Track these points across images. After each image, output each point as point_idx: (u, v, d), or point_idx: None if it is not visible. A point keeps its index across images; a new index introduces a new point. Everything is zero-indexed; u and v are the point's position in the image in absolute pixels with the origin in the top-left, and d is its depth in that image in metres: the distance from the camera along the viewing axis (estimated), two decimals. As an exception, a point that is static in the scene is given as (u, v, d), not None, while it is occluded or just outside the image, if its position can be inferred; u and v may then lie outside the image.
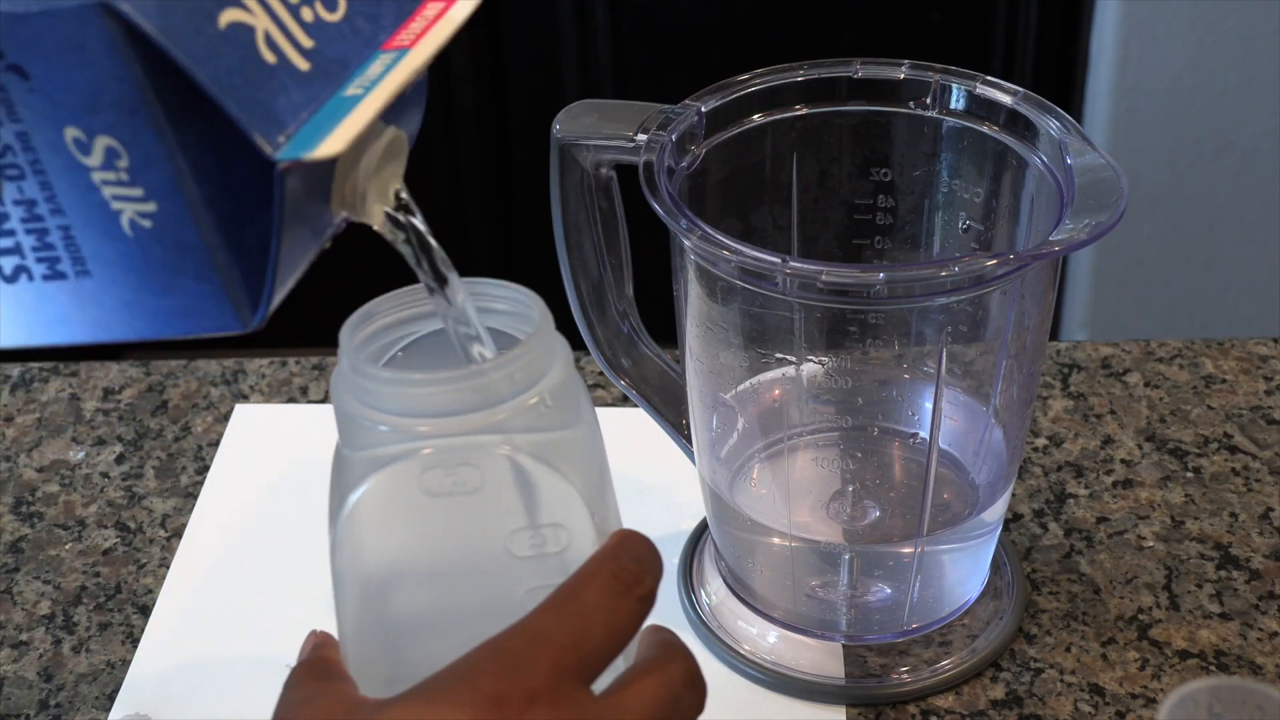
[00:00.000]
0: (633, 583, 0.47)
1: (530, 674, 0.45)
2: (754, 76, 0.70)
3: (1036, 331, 0.67)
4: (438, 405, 0.48)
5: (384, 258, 1.91)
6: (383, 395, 0.49)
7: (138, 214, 0.44)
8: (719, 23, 1.73)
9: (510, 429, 0.48)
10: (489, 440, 0.48)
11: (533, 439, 0.49)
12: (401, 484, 0.49)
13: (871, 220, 0.72)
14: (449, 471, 0.49)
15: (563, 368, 0.50)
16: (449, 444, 0.48)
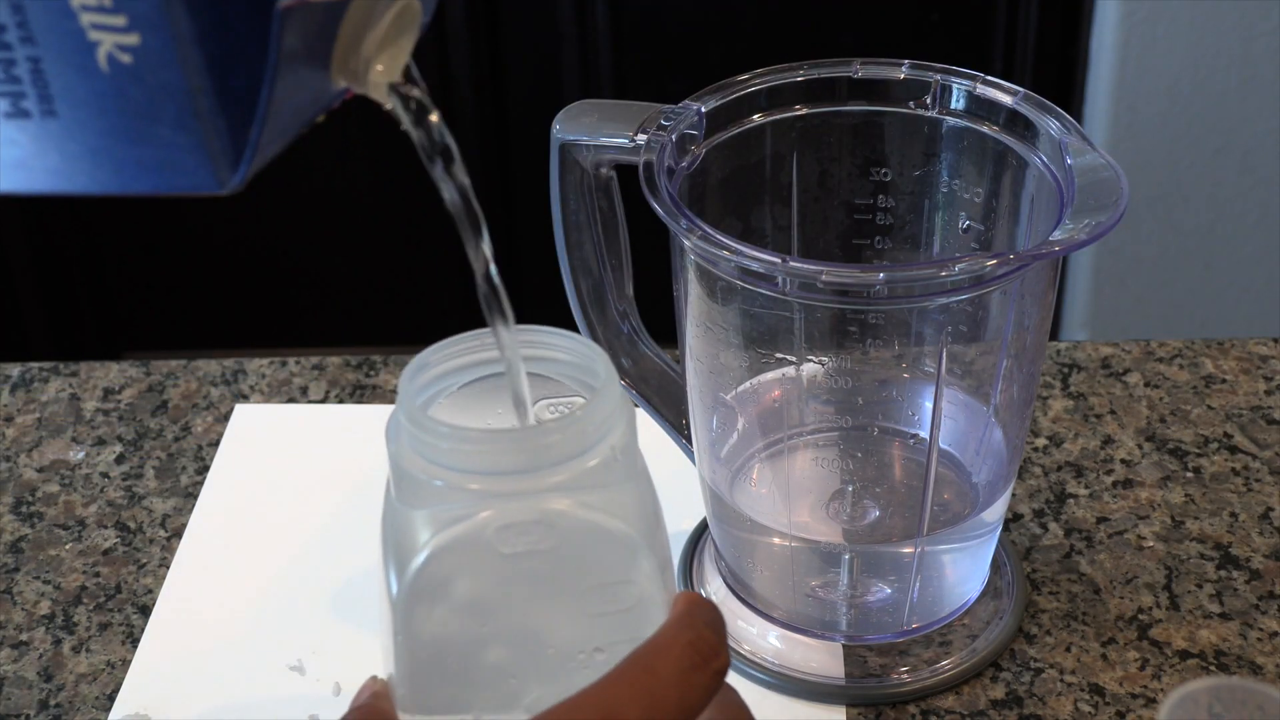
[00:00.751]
0: (710, 656, 0.46)
1: None
2: (754, 76, 0.70)
3: (1036, 331, 0.67)
4: (509, 463, 0.47)
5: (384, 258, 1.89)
6: (451, 452, 0.47)
7: (117, 47, 0.40)
8: (719, 23, 1.73)
9: (580, 487, 0.48)
10: (559, 498, 0.48)
11: (601, 496, 0.48)
12: (474, 543, 0.48)
13: (871, 220, 0.72)
14: (523, 530, 0.48)
15: (629, 424, 0.49)
16: (520, 503, 0.47)
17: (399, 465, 0.48)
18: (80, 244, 1.83)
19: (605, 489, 0.48)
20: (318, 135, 1.62)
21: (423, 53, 0.46)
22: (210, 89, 0.40)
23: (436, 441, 0.47)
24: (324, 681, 0.71)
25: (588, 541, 0.49)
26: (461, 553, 0.48)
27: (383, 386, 0.88)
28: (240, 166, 0.42)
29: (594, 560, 0.49)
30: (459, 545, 0.48)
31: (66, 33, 0.39)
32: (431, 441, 0.47)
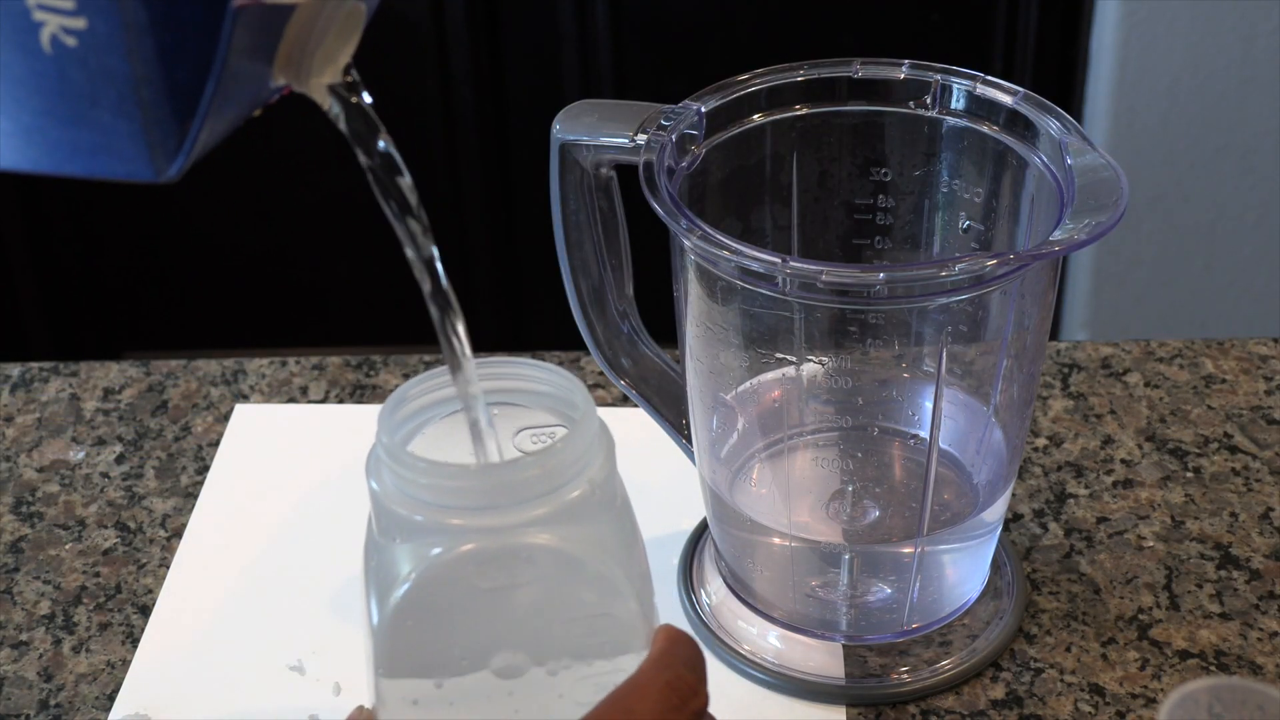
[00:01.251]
0: (688, 696, 0.46)
1: None
2: (754, 76, 0.70)
3: (1036, 331, 0.67)
4: (487, 499, 0.47)
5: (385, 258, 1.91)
6: (429, 488, 0.48)
7: (63, 29, 0.39)
8: (719, 23, 1.73)
9: (558, 520, 0.48)
10: (538, 532, 0.48)
11: (579, 530, 0.49)
12: (453, 577, 0.48)
13: (871, 220, 0.72)
14: (501, 565, 0.48)
15: (608, 455, 0.50)
16: (499, 538, 0.48)
17: (379, 500, 0.49)
18: (80, 244, 1.83)
19: (584, 523, 0.49)
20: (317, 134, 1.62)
21: (423, 53, 0.46)
22: (156, 79, 0.40)
23: (415, 477, 0.48)
24: (324, 681, 0.71)
25: (566, 576, 0.49)
26: (441, 587, 0.48)
27: (383, 386, 0.88)
28: (178, 158, 0.42)
29: (572, 594, 0.49)
30: (438, 579, 0.48)
31: (10, 12, 0.39)
32: (410, 477, 0.48)
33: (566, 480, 0.48)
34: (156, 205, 1.81)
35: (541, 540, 0.48)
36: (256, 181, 1.80)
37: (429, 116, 1.76)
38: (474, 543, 0.48)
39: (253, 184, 1.80)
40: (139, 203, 1.81)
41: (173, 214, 1.82)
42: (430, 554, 0.48)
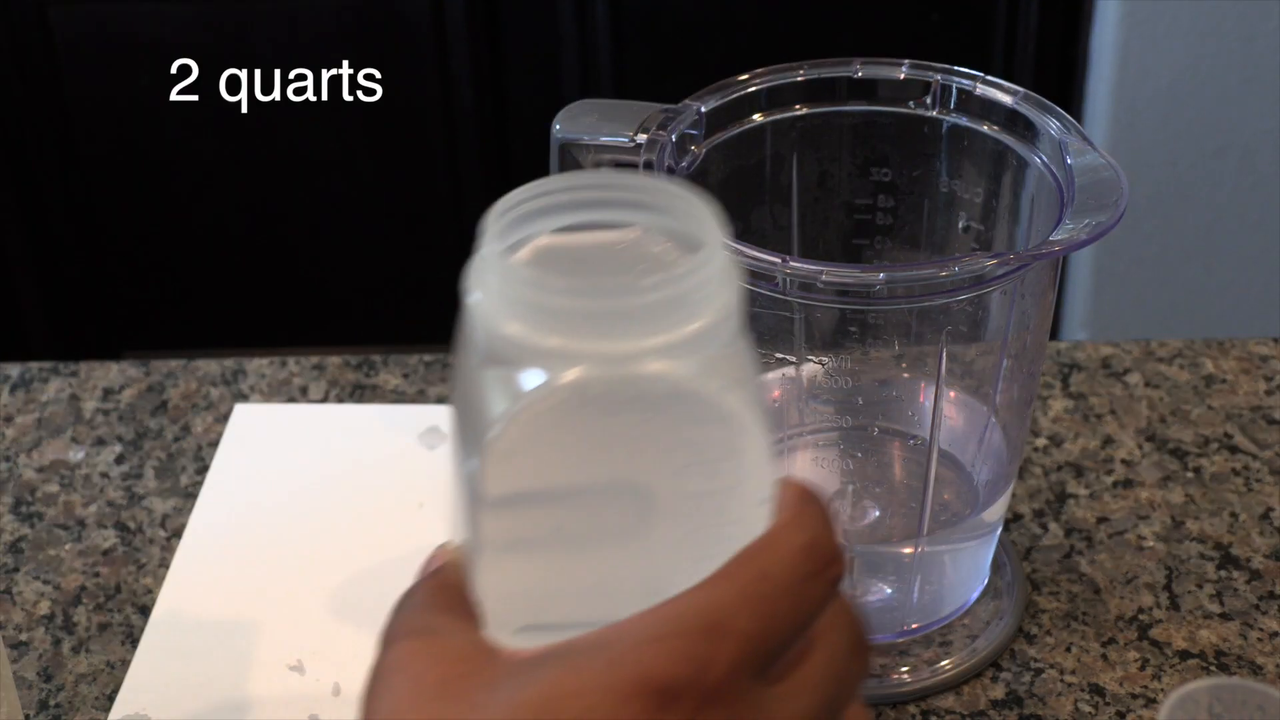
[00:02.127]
0: (829, 562, 0.41)
1: (707, 669, 0.38)
2: (754, 76, 0.70)
3: (1036, 331, 0.67)
4: (603, 321, 0.41)
5: (385, 258, 1.89)
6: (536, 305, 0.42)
7: None
8: (719, 23, 1.73)
9: (679, 352, 0.42)
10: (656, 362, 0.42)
11: (705, 364, 0.43)
12: (559, 410, 0.42)
13: (871, 220, 0.72)
14: (615, 397, 0.42)
15: (735, 284, 0.43)
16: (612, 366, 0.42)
17: (476, 319, 0.43)
18: (80, 244, 1.83)
19: (707, 356, 0.43)
20: (317, 135, 1.61)
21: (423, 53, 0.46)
22: None
23: (520, 291, 0.42)
24: (324, 681, 0.71)
25: (689, 412, 0.43)
26: (546, 420, 0.42)
27: (382, 386, 0.88)
28: None
29: (693, 432, 0.43)
30: (543, 412, 0.42)
31: None
32: (515, 292, 0.42)
33: (691, 308, 0.42)
34: (157, 205, 1.81)
35: (662, 371, 0.42)
36: (257, 182, 1.80)
37: (429, 116, 1.76)
38: (586, 371, 0.42)
39: (253, 184, 1.80)
40: (139, 203, 1.81)
41: (173, 214, 1.82)
42: (536, 383, 0.42)
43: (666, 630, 0.39)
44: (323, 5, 1.71)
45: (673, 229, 0.45)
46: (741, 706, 0.38)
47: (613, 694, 0.38)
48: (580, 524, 0.44)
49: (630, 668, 0.38)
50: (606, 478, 0.44)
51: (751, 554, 0.41)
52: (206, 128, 1.76)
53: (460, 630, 0.42)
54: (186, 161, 1.78)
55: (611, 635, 0.39)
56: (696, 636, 0.39)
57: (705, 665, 0.38)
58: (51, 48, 1.73)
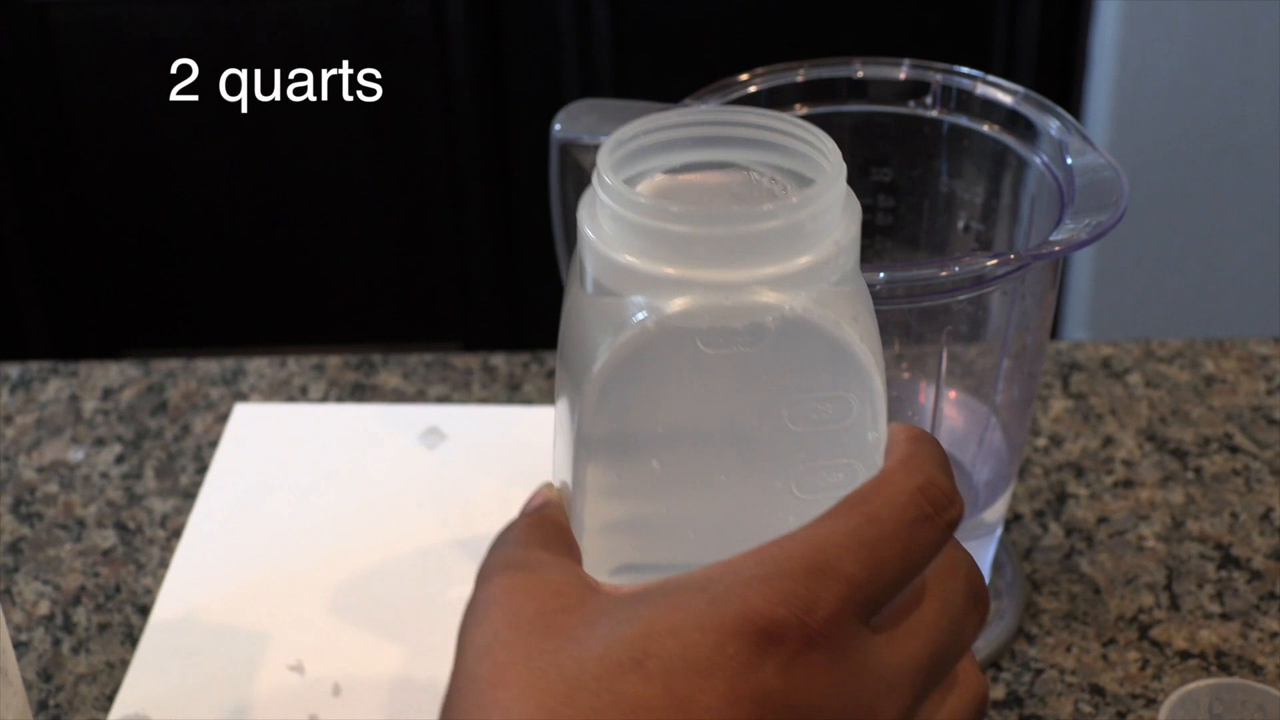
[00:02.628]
0: (943, 505, 0.40)
1: (811, 611, 0.37)
2: (754, 76, 0.70)
3: (1037, 331, 0.67)
4: (718, 249, 0.41)
5: (385, 258, 1.89)
6: (651, 231, 0.41)
7: None
8: (719, 23, 1.73)
9: (795, 284, 0.41)
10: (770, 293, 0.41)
11: (820, 296, 0.42)
12: (671, 338, 0.41)
13: (871, 220, 0.72)
14: (727, 327, 0.41)
15: (854, 220, 0.43)
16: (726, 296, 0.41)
17: (590, 246, 0.42)
18: (80, 244, 1.83)
19: (821, 289, 0.42)
20: (317, 135, 1.61)
21: (423, 53, 0.46)
22: None
23: (634, 217, 0.41)
24: (324, 681, 0.71)
25: (803, 346, 0.42)
26: (655, 349, 0.42)
27: (382, 386, 0.88)
28: None
29: (805, 366, 0.42)
30: (654, 341, 0.42)
31: None
32: (629, 217, 0.41)
33: (809, 238, 0.41)
34: (156, 205, 1.81)
35: (776, 302, 0.41)
36: (257, 182, 1.80)
37: (429, 116, 1.76)
38: (698, 299, 0.41)
39: (253, 184, 1.80)
40: (139, 203, 1.81)
41: (173, 214, 1.82)
42: (646, 310, 0.41)
43: (771, 570, 0.38)
44: (323, 5, 1.71)
45: (789, 167, 0.44)
46: (845, 651, 0.38)
47: (713, 632, 0.37)
48: (684, 459, 0.43)
49: (732, 606, 0.37)
50: (713, 411, 0.43)
51: (861, 496, 0.40)
52: (206, 128, 1.76)
53: (559, 566, 0.41)
54: (186, 161, 1.78)
55: (714, 574, 0.38)
56: (801, 578, 0.38)
57: (809, 607, 0.37)
58: (51, 48, 1.73)
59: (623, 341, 0.42)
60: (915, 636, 0.39)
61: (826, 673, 0.37)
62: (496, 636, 0.39)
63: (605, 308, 0.42)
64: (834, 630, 0.37)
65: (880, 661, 0.39)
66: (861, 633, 0.38)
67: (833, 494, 0.42)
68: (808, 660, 0.37)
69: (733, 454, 0.43)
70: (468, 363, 0.90)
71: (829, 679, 0.38)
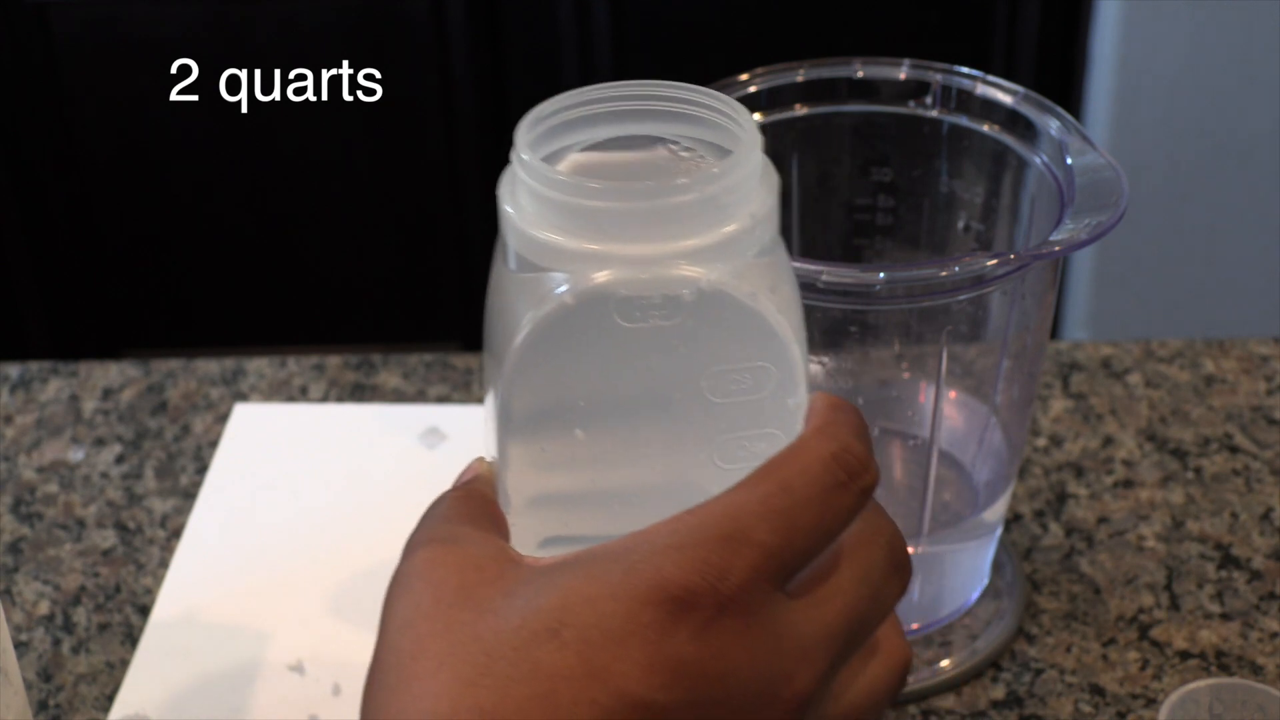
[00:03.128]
0: (857, 472, 0.40)
1: (724, 578, 0.38)
2: (754, 76, 0.70)
3: (1037, 331, 0.67)
4: (636, 223, 0.41)
5: (385, 258, 1.89)
6: (569, 207, 0.42)
7: None
8: (719, 23, 1.73)
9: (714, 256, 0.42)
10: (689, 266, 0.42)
11: (738, 268, 0.42)
12: (591, 312, 0.42)
13: (872, 220, 0.72)
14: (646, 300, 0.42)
15: (771, 191, 0.43)
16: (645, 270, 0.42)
17: (511, 223, 0.43)
18: (80, 244, 1.83)
19: (742, 261, 0.42)
20: (317, 134, 1.61)
21: (423, 53, 0.46)
22: None
23: (553, 194, 0.42)
24: (324, 681, 0.71)
25: (720, 317, 0.43)
26: (576, 323, 0.42)
27: (382, 386, 0.88)
28: None
29: (723, 338, 0.43)
30: (573, 315, 0.42)
31: None
32: (548, 194, 0.42)
33: (725, 211, 0.42)
34: (156, 205, 1.81)
35: (693, 276, 0.42)
36: (257, 182, 1.80)
37: (429, 116, 1.76)
38: (616, 273, 0.42)
39: (253, 184, 1.80)
40: (139, 203, 1.81)
41: (173, 214, 1.82)
42: (566, 285, 0.42)
43: (684, 539, 0.38)
44: (323, 5, 1.71)
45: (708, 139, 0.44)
46: (759, 617, 0.38)
47: (628, 600, 0.38)
48: (606, 432, 0.44)
49: (646, 575, 0.38)
50: (633, 383, 0.43)
51: (775, 464, 0.40)
52: (206, 128, 1.76)
53: (483, 540, 0.42)
54: (186, 161, 1.78)
55: (629, 543, 0.39)
56: (714, 545, 0.38)
57: (722, 574, 0.38)
58: (51, 48, 1.73)
59: (542, 315, 0.42)
60: (831, 603, 0.40)
61: (741, 638, 0.38)
62: (418, 609, 0.40)
63: (526, 283, 0.43)
64: (747, 597, 0.38)
65: (795, 627, 0.39)
66: (776, 598, 0.39)
67: (755, 464, 0.42)
68: (722, 626, 0.38)
69: (654, 426, 0.44)
70: (468, 363, 0.90)
71: (743, 644, 0.38)
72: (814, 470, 0.40)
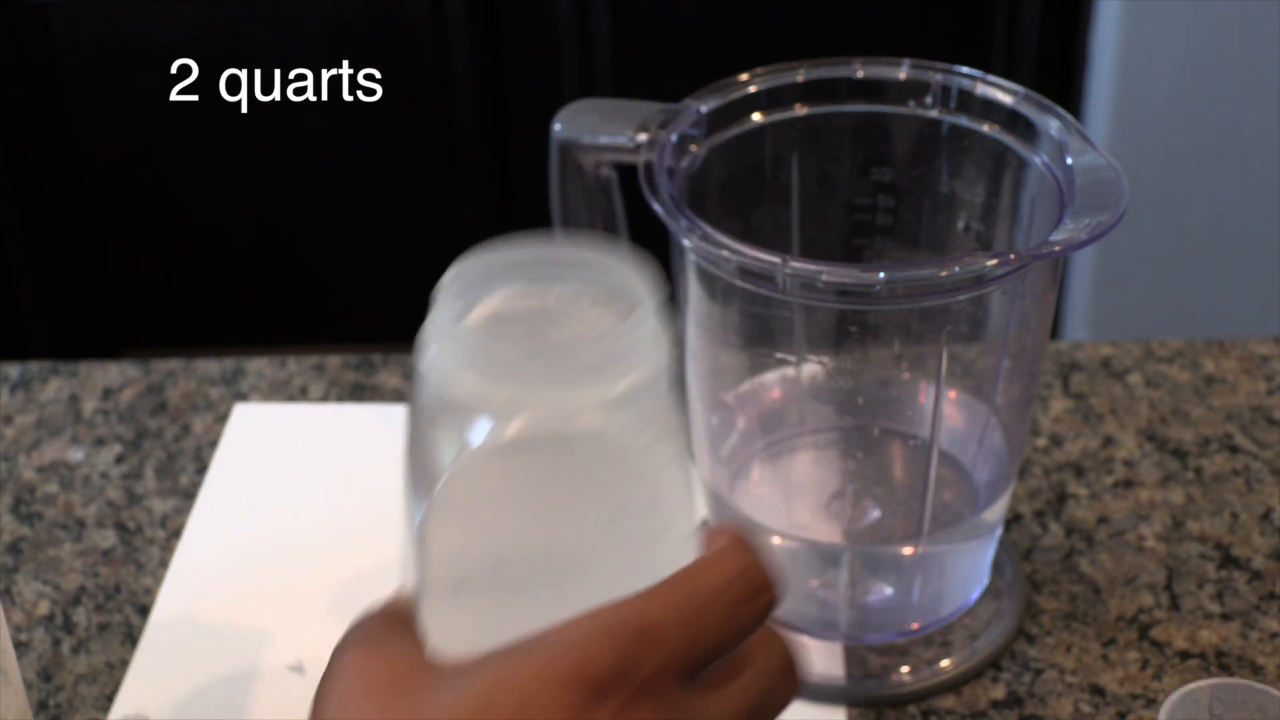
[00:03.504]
0: (759, 590, 0.45)
1: (637, 671, 0.42)
2: (754, 76, 0.70)
3: (1037, 331, 0.67)
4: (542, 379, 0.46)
5: (385, 258, 1.89)
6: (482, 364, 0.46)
7: None
8: (719, 23, 1.73)
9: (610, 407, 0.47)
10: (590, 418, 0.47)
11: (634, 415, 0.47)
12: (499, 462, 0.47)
13: (872, 220, 0.72)
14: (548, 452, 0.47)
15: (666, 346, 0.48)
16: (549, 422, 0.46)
17: (428, 381, 0.47)
18: (80, 243, 1.83)
19: (637, 409, 0.47)
20: (317, 135, 1.61)
21: (423, 53, 0.46)
22: None
23: (467, 355, 0.46)
24: (324, 682, 0.71)
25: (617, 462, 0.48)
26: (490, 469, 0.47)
27: (382, 386, 0.88)
28: None
29: (622, 480, 0.48)
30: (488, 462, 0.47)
31: None
32: (462, 356, 0.46)
33: (627, 364, 0.47)
34: (156, 205, 1.82)
35: (593, 426, 0.47)
36: (257, 182, 1.80)
37: (429, 116, 1.76)
38: (528, 424, 0.46)
39: (253, 184, 1.80)
40: (139, 203, 1.81)
41: (173, 214, 1.82)
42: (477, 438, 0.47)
43: (602, 631, 0.43)
44: (323, 5, 1.71)
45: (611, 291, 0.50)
46: (667, 705, 0.42)
47: (550, 685, 0.42)
48: (518, 565, 0.49)
49: (567, 661, 0.42)
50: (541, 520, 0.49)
51: (685, 573, 0.45)
52: (206, 128, 1.76)
53: (411, 643, 0.47)
54: (186, 161, 1.78)
55: (550, 634, 0.43)
56: (629, 638, 0.43)
57: (636, 664, 0.42)
58: (51, 48, 1.73)
59: (458, 460, 0.47)
60: (732, 699, 0.44)
61: None
62: (351, 697, 0.45)
63: (443, 434, 0.48)
64: (657, 687, 0.42)
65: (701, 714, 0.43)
66: (683, 691, 0.43)
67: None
68: (636, 711, 0.42)
69: (560, 557, 0.49)
70: (468, 363, 0.90)
71: None
72: (718, 582, 0.44)
